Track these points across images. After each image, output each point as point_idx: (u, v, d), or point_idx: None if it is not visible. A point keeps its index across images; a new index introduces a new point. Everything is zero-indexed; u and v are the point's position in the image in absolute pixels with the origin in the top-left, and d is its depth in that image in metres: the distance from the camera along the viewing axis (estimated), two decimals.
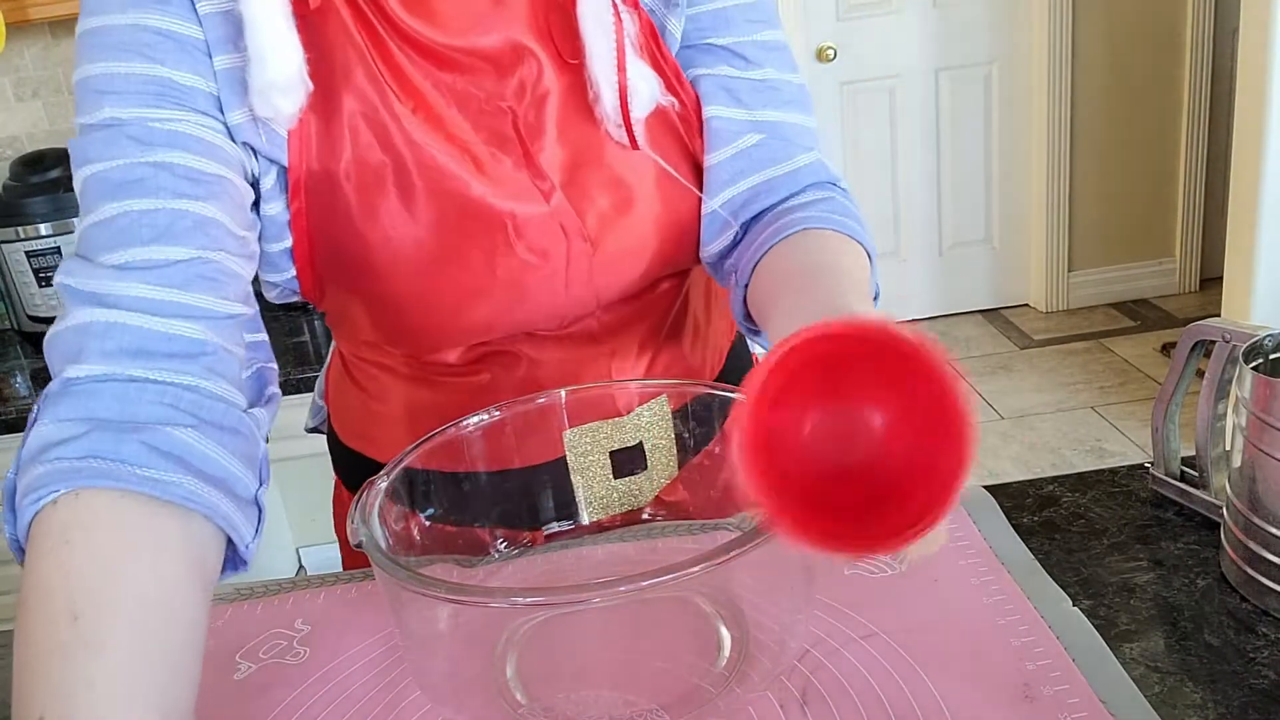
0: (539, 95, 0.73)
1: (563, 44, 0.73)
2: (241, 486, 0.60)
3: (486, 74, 0.72)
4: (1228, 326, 0.72)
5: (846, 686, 0.61)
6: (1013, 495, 0.81)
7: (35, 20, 1.87)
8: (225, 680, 0.68)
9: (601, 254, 0.76)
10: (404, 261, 0.71)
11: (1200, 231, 3.70)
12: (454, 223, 0.71)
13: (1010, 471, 2.82)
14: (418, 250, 0.71)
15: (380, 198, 0.69)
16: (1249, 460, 0.65)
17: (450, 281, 0.73)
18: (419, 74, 0.70)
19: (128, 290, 0.59)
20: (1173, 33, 3.49)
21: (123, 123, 0.63)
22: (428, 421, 0.81)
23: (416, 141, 0.69)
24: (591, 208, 0.74)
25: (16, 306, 1.95)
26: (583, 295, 0.78)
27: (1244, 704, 0.58)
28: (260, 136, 0.67)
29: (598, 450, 0.82)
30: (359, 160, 0.69)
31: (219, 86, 0.65)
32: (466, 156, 0.71)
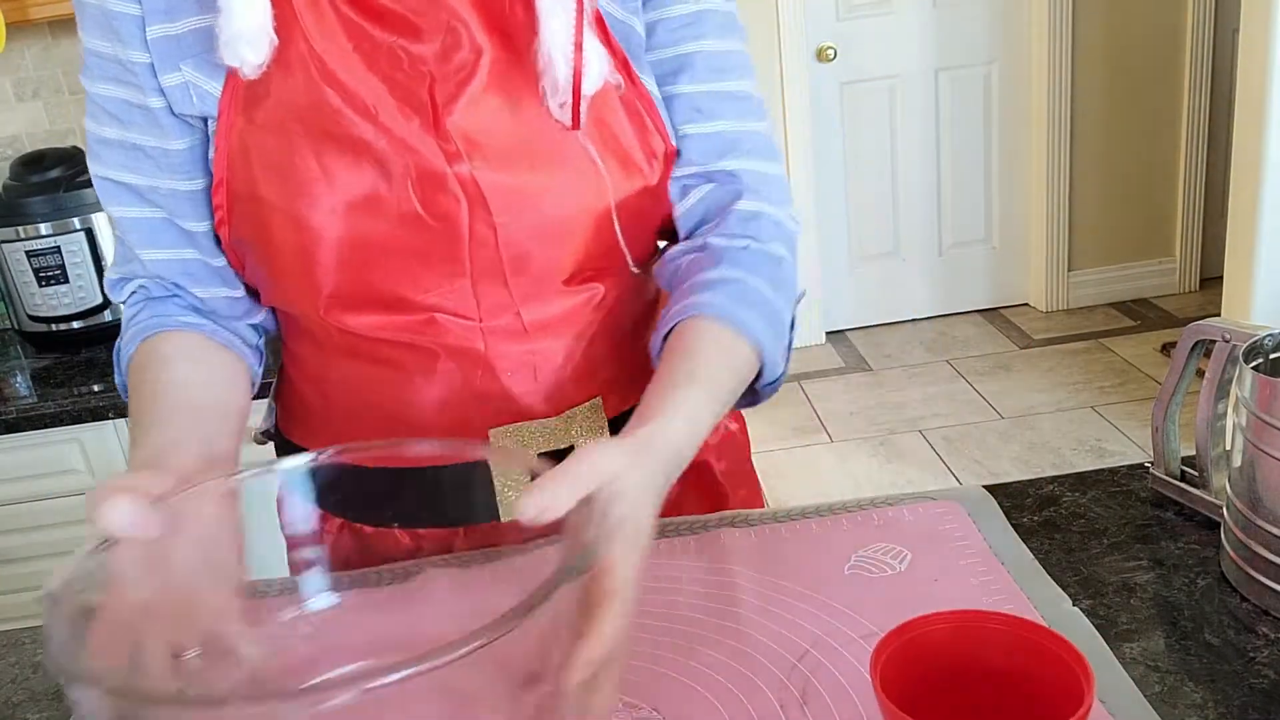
0: (461, 65, 0.72)
1: (510, 12, 0.72)
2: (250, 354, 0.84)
3: (412, 35, 0.72)
4: (1228, 326, 0.72)
5: (846, 686, 0.61)
6: (1013, 495, 0.81)
7: (35, 20, 1.87)
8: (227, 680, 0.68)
9: (508, 233, 0.74)
10: (306, 206, 0.72)
11: (1200, 231, 3.70)
12: (354, 168, 0.71)
13: (1010, 471, 2.82)
14: (320, 196, 0.72)
15: (290, 142, 0.72)
16: (1249, 460, 0.65)
17: (350, 225, 0.73)
18: (346, 22, 0.72)
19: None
20: (1173, 33, 3.49)
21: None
22: (349, 406, 0.83)
23: (327, 87, 0.71)
24: (499, 184, 0.73)
25: (17, 306, 1.94)
26: (492, 277, 0.76)
27: (1244, 704, 0.58)
28: (191, 96, 0.73)
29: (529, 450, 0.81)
30: (276, 106, 0.72)
31: (153, 55, 0.72)
32: (375, 108, 0.71)
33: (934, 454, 2.95)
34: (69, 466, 1.77)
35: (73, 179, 1.90)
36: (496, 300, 0.77)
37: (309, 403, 0.88)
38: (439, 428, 0.81)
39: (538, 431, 0.82)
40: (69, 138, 2.14)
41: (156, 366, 0.77)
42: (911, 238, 3.73)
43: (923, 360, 3.54)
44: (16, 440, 1.74)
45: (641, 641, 0.68)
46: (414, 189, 0.72)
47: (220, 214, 0.77)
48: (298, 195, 0.72)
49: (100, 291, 1.93)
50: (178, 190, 0.76)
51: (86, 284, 1.92)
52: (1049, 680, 0.51)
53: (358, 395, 0.83)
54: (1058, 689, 0.51)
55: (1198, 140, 3.58)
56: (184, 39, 0.72)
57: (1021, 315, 3.80)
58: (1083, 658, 0.50)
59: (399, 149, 0.71)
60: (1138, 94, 3.54)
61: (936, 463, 2.91)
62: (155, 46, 0.72)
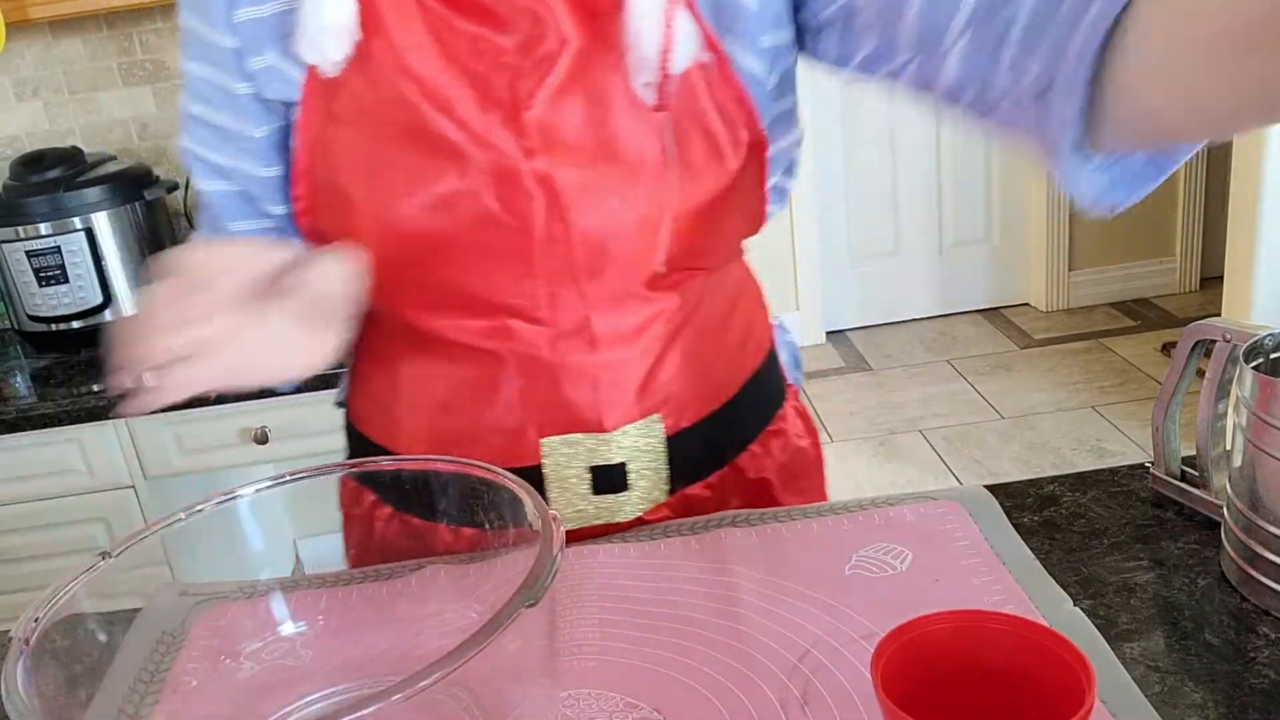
0: (544, 57, 0.70)
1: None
2: None
3: (494, 25, 0.71)
4: (1228, 326, 0.72)
5: (847, 687, 0.61)
6: (1013, 495, 0.81)
7: (35, 20, 1.87)
8: (227, 680, 0.68)
9: (582, 232, 0.72)
10: (388, 200, 0.72)
11: (1200, 231, 3.70)
12: (433, 165, 0.71)
13: (1010, 471, 2.82)
14: (402, 193, 0.72)
15: (372, 137, 0.72)
16: (1249, 460, 0.65)
17: (428, 222, 0.72)
18: (427, 12, 0.71)
19: None
20: None
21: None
22: (413, 399, 0.83)
23: (407, 81, 0.70)
24: (575, 180, 0.71)
25: (16, 306, 1.94)
26: (564, 278, 0.74)
27: (1244, 704, 0.58)
28: (275, 81, 0.73)
29: (576, 463, 0.81)
30: (357, 100, 0.72)
31: (240, 38, 0.73)
32: (454, 102, 0.70)
33: (934, 454, 2.95)
34: (69, 466, 1.77)
35: (73, 179, 1.90)
36: (568, 305, 0.76)
37: (376, 390, 0.88)
38: (494, 432, 0.81)
39: (590, 444, 0.80)
40: (69, 138, 2.14)
41: None
42: (911, 237, 3.73)
43: (923, 360, 3.54)
44: (16, 440, 1.74)
45: (642, 641, 0.68)
46: (491, 186, 0.71)
47: (301, 204, 0.77)
48: (377, 190, 0.72)
49: (100, 291, 1.93)
50: (256, 175, 0.77)
51: (86, 284, 1.92)
52: (1050, 680, 0.51)
53: (423, 389, 0.83)
54: (1059, 689, 0.51)
55: None
56: (270, 21, 0.72)
57: (1022, 315, 3.80)
58: (1084, 658, 0.50)
59: (477, 144, 0.70)
60: None
61: (936, 463, 2.91)
62: (243, 30, 0.72)
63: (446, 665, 0.46)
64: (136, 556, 0.62)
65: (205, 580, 0.72)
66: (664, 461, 0.83)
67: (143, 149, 2.17)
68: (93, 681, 0.61)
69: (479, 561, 0.72)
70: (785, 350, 0.98)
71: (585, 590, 0.74)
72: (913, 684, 0.52)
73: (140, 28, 2.07)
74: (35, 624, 0.55)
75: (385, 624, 0.72)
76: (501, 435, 0.81)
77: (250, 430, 1.76)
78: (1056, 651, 0.52)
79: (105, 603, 0.61)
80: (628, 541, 0.80)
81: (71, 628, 0.59)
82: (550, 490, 0.81)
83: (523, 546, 0.61)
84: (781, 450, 0.91)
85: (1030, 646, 0.53)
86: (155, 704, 0.65)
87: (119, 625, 0.66)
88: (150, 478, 1.79)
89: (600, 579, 0.75)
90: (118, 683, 0.64)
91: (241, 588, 0.78)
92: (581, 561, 0.78)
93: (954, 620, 0.54)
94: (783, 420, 0.92)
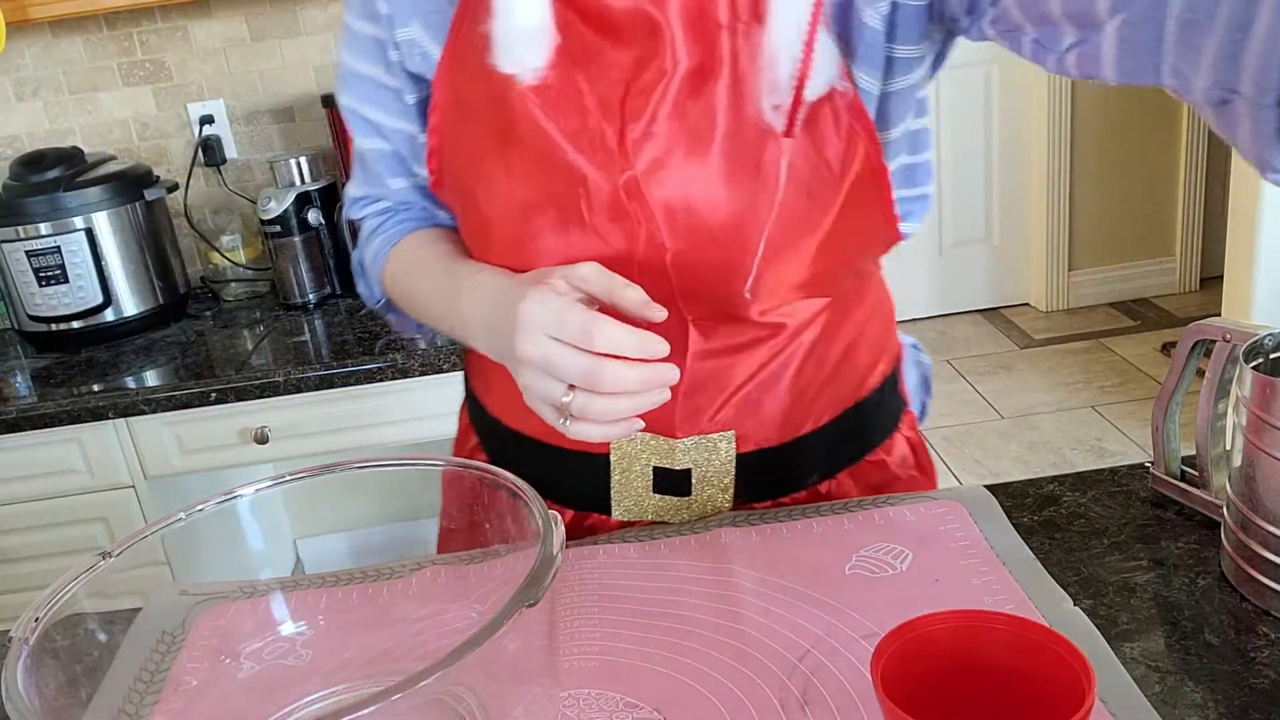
0: (657, 75, 0.68)
1: (730, 7, 0.67)
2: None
3: (614, 37, 0.69)
4: (1228, 326, 0.72)
5: (846, 686, 0.61)
6: (1013, 495, 0.81)
7: (35, 20, 1.87)
8: (227, 680, 0.68)
9: (679, 258, 0.70)
10: (492, 193, 0.74)
11: (1200, 231, 3.70)
12: (533, 168, 0.71)
13: (1010, 471, 2.82)
14: (499, 186, 0.73)
15: (481, 126, 0.73)
16: (1249, 460, 0.65)
17: (522, 222, 0.73)
18: (555, 14, 0.69)
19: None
20: None
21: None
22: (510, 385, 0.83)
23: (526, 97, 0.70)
24: (676, 205, 0.69)
25: (16, 306, 1.94)
26: (657, 291, 0.69)
27: (1244, 704, 0.58)
28: (415, 55, 0.76)
29: (642, 460, 0.81)
30: (475, 90, 0.73)
31: (392, 7, 0.75)
32: (564, 112, 0.70)
33: (934, 454, 2.95)
34: (69, 466, 1.77)
35: (73, 179, 1.90)
36: (670, 320, 0.70)
37: (485, 361, 0.87)
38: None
39: (658, 445, 0.80)
40: (69, 138, 2.14)
41: (432, 241, 0.83)
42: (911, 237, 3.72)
43: None
44: (16, 440, 1.74)
45: (642, 641, 0.68)
46: (585, 200, 0.70)
47: (435, 177, 0.80)
48: (480, 181, 0.74)
49: (100, 291, 1.93)
50: (411, 134, 0.80)
51: (86, 284, 1.92)
52: (1050, 680, 0.51)
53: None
54: (1059, 689, 0.51)
55: (1198, 140, 3.58)
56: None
57: (1021, 315, 3.80)
58: (1084, 658, 0.50)
59: (580, 155, 0.69)
60: (1138, 93, 3.54)
61: (937, 462, 2.90)
62: (395, 2, 0.75)
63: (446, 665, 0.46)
64: (136, 556, 0.62)
65: (205, 580, 0.72)
66: (731, 478, 0.82)
67: (143, 149, 2.17)
68: (93, 681, 0.61)
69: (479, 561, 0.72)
70: (914, 371, 0.94)
71: (585, 590, 0.74)
72: (913, 684, 0.53)
73: (140, 28, 2.07)
74: (35, 624, 0.55)
75: (385, 624, 0.72)
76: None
77: (250, 430, 1.76)
78: (1056, 651, 0.52)
79: (105, 603, 0.61)
80: (628, 542, 0.80)
81: (71, 628, 0.59)
82: (615, 479, 0.82)
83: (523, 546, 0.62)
84: (879, 481, 0.87)
85: (1030, 646, 0.53)
86: (155, 704, 0.65)
87: (119, 625, 0.66)
88: (150, 478, 1.79)
89: (600, 579, 0.75)
90: (118, 683, 0.64)
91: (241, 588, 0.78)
92: (581, 561, 0.78)
93: (954, 620, 0.54)
94: (886, 451, 0.88)
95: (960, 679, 0.54)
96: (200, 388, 1.71)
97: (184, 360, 1.84)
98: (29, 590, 1.85)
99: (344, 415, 1.75)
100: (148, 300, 1.99)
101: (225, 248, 2.13)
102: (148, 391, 1.72)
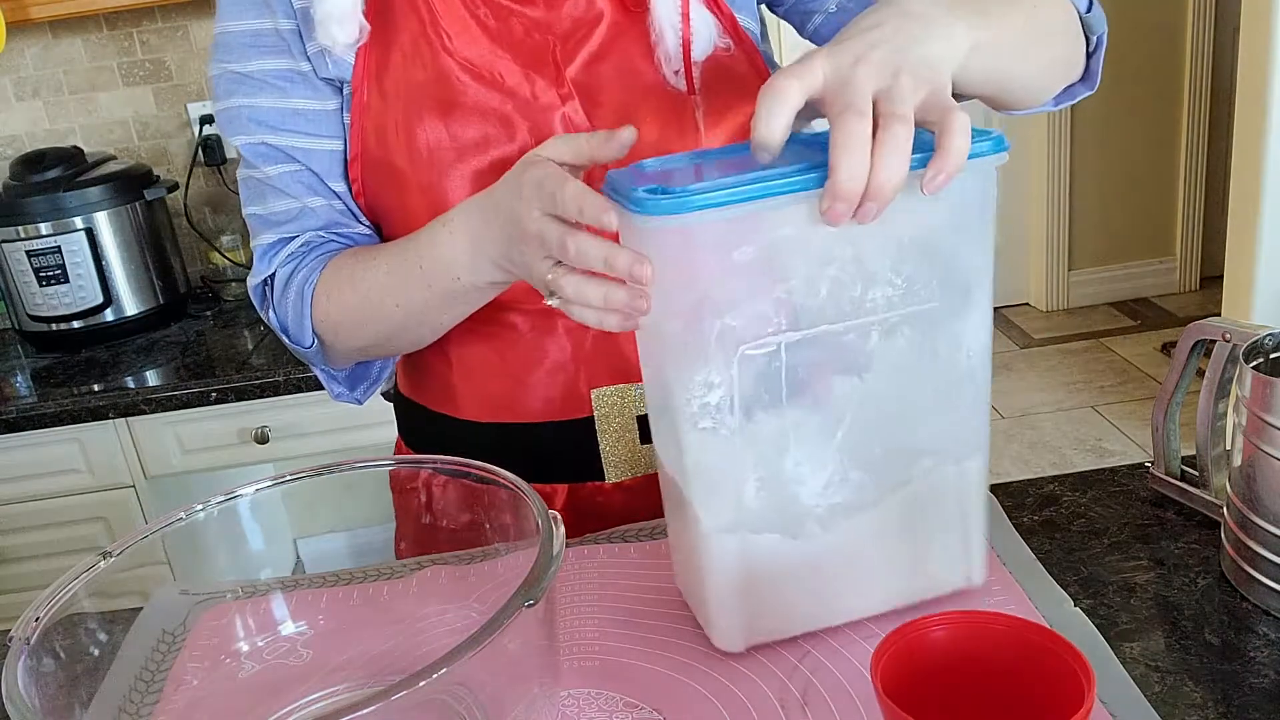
0: (581, 24, 0.77)
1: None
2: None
3: (531, 2, 0.78)
4: (1228, 326, 0.72)
5: (846, 686, 0.61)
6: (1013, 494, 0.82)
7: (35, 20, 1.87)
8: (227, 680, 0.68)
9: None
10: (437, 173, 0.77)
11: (1200, 230, 3.70)
12: (481, 137, 0.76)
13: (1011, 471, 2.82)
14: (450, 163, 0.77)
15: (420, 113, 0.77)
16: (1249, 459, 0.65)
17: (468, 190, 0.76)
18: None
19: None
20: (1173, 32, 3.49)
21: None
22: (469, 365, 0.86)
23: (449, 58, 0.76)
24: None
25: (17, 306, 1.94)
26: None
27: (1244, 704, 0.58)
28: (327, 63, 0.79)
29: (625, 413, 0.83)
30: (405, 80, 0.77)
31: (299, 22, 0.79)
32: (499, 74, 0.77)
33: None
34: (69, 466, 1.77)
35: (73, 179, 1.90)
36: None
37: (430, 363, 0.90)
38: (549, 386, 0.84)
39: (638, 393, 0.83)
40: (69, 137, 2.14)
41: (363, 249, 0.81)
42: None
43: None
44: (16, 440, 1.74)
45: (642, 641, 0.68)
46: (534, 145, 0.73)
47: (357, 185, 0.82)
48: (428, 163, 0.77)
49: (101, 291, 1.93)
50: (329, 150, 0.82)
51: (86, 284, 1.92)
52: (1049, 680, 0.51)
53: (476, 355, 0.86)
54: (1058, 689, 0.51)
55: (1198, 140, 3.58)
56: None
57: (1021, 315, 3.80)
58: (1083, 658, 0.50)
59: (522, 110, 0.76)
60: (1138, 93, 3.54)
61: None
62: (300, 15, 0.79)
63: (446, 665, 0.46)
64: (136, 556, 0.62)
65: (205, 580, 0.72)
66: None
67: (143, 149, 2.17)
68: (93, 681, 0.61)
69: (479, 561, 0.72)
70: None
71: (586, 591, 0.74)
72: (913, 684, 0.53)
73: (140, 28, 2.07)
74: (35, 624, 0.55)
75: (385, 624, 0.72)
76: (555, 389, 0.84)
77: (250, 430, 1.76)
78: (1056, 651, 0.52)
79: (105, 603, 0.61)
80: (628, 541, 0.80)
81: (71, 628, 0.59)
82: (603, 439, 0.85)
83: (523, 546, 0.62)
84: None
85: (1030, 646, 0.53)
86: (155, 704, 0.65)
87: (119, 625, 0.66)
88: (150, 478, 1.79)
89: (600, 579, 0.75)
90: (118, 683, 0.64)
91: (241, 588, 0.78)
92: (581, 561, 0.78)
93: (954, 620, 0.54)
94: None
95: (960, 679, 0.54)
96: (200, 388, 1.71)
97: (184, 360, 1.84)
98: (29, 590, 1.85)
99: (344, 415, 1.75)
100: (148, 300, 1.99)
101: (225, 248, 2.13)
102: (148, 391, 1.72)
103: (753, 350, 0.57)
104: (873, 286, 0.58)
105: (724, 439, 0.58)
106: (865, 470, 0.63)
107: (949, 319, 0.62)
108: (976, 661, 0.54)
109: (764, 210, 0.54)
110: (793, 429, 0.60)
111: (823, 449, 0.62)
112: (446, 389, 0.89)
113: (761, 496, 0.61)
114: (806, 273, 0.57)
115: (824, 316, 0.58)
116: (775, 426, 0.60)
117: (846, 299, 0.58)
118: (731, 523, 0.61)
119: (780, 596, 0.64)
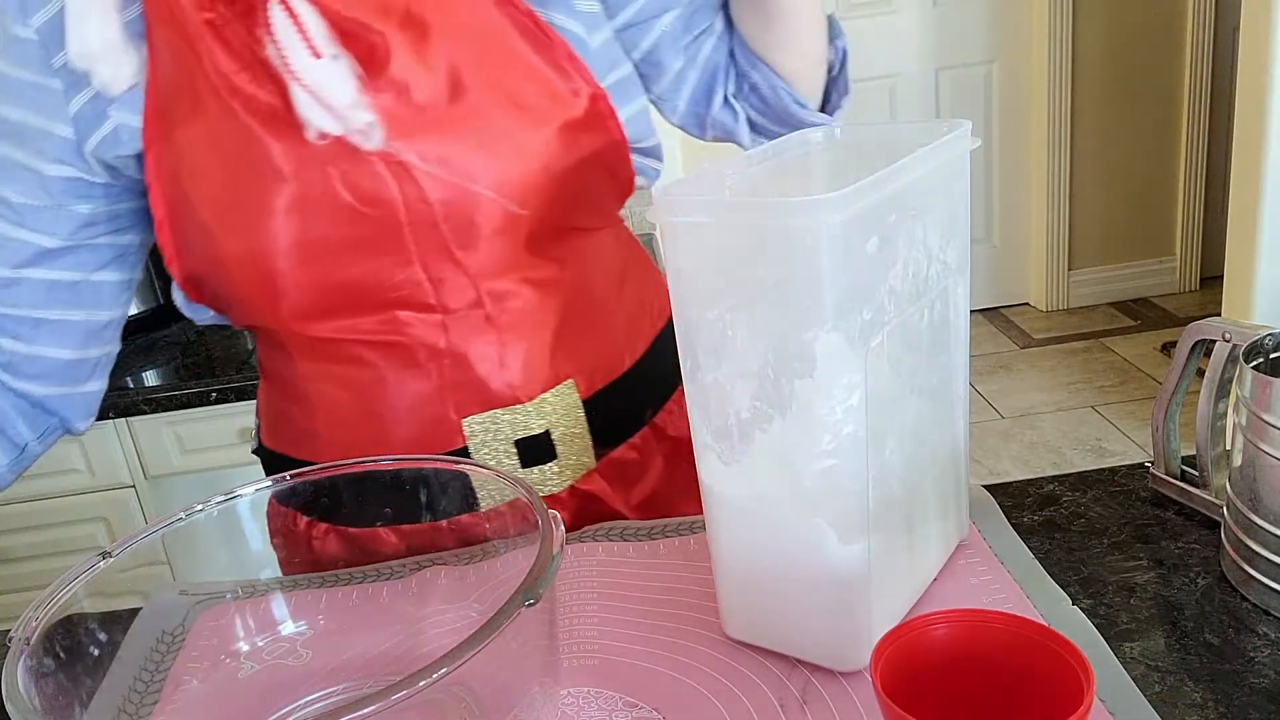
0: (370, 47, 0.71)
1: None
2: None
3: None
4: (1228, 325, 0.72)
5: (847, 686, 0.61)
6: (1013, 494, 0.81)
7: None
8: (227, 680, 0.68)
9: (444, 205, 0.73)
10: (242, 219, 0.72)
11: (1200, 230, 3.70)
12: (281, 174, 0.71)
13: (1010, 471, 2.82)
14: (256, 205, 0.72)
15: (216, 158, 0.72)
16: (1249, 459, 0.65)
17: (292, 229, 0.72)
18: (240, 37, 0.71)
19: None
20: (1173, 32, 3.49)
21: None
22: (327, 411, 0.83)
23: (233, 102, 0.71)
24: (423, 154, 0.72)
25: None
26: (440, 256, 0.75)
27: (1244, 704, 0.58)
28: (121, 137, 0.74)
29: (501, 439, 0.82)
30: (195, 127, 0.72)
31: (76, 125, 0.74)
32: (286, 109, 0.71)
33: None
34: (69, 466, 1.77)
35: None
36: (454, 284, 0.77)
37: (289, 413, 0.87)
38: (415, 422, 0.81)
39: (510, 418, 0.82)
40: None
41: None
42: None
43: None
44: None
45: (642, 641, 0.68)
46: (340, 180, 0.71)
47: (169, 251, 0.77)
48: (236, 211, 0.72)
49: None
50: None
51: None
52: (1049, 680, 0.51)
53: (333, 399, 0.83)
54: (1058, 689, 0.51)
55: (1198, 140, 3.58)
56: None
57: (1021, 315, 3.80)
58: (1083, 657, 0.50)
59: (316, 147, 0.71)
60: (1138, 93, 3.54)
61: None
62: (81, 115, 0.73)
63: (446, 665, 0.46)
64: (136, 556, 0.62)
65: (205, 580, 0.72)
66: (585, 426, 0.84)
67: None
68: (93, 681, 0.61)
69: (479, 561, 0.72)
70: None
71: (585, 590, 0.74)
72: (912, 684, 0.53)
73: None
74: (35, 624, 0.55)
75: (385, 624, 0.72)
76: (423, 425, 0.81)
77: (250, 430, 1.76)
78: (1056, 651, 0.52)
79: (105, 603, 0.61)
80: (627, 541, 0.80)
81: (71, 628, 0.59)
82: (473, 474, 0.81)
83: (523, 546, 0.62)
84: None
85: (1030, 646, 0.53)
86: (155, 704, 0.65)
87: (119, 625, 0.66)
88: (150, 478, 1.79)
89: (600, 579, 0.75)
90: (118, 683, 0.64)
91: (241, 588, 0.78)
92: (581, 561, 0.78)
93: (954, 620, 0.54)
94: None
95: (960, 679, 0.54)
96: (200, 388, 1.71)
97: (184, 360, 1.84)
98: (29, 590, 1.85)
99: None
100: (148, 300, 1.99)
101: None
102: (148, 391, 1.72)
103: (875, 342, 0.57)
104: (930, 263, 0.61)
105: (861, 441, 0.58)
106: (919, 446, 0.65)
107: (956, 281, 0.66)
108: (976, 661, 0.54)
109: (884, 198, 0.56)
110: (893, 419, 0.61)
111: (906, 438, 0.63)
112: (309, 436, 0.86)
113: (874, 495, 0.60)
114: (904, 256, 0.59)
115: (907, 300, 0.60)
116: (887, 419, 0.60)
117: (917, 279, 0.61)
118: (859, 526, 0.60)
119: (890, 593, 0.65)
